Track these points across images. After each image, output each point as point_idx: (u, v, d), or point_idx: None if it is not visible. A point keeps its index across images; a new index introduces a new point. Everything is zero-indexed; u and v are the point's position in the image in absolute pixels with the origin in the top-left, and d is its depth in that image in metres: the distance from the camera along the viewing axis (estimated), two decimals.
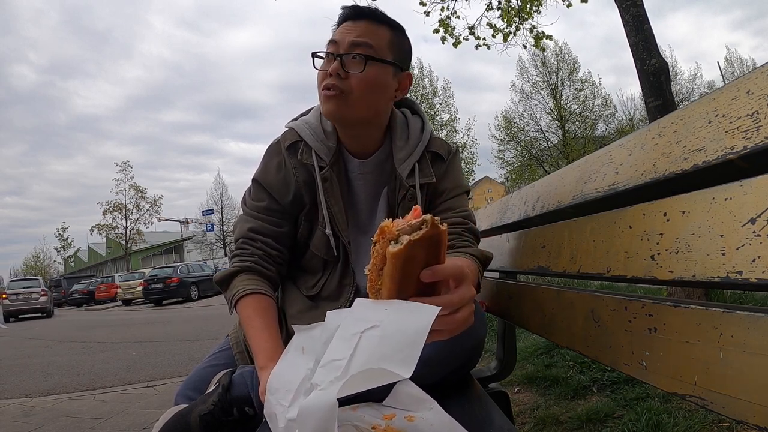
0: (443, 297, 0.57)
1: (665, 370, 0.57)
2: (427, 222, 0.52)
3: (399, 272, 0.53)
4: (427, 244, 0.53)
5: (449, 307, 0.56)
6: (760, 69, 0.50)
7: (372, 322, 0.54)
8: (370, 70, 0.92)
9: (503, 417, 0.75)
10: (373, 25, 0.95)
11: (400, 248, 0.51)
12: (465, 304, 0.58)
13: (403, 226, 0.53)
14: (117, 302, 20.25)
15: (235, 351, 1.03)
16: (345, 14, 0.97)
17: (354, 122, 0.98)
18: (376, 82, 0.95)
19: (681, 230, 0.56)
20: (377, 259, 0.54)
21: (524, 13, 5.71)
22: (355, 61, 0.92)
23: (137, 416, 2.61)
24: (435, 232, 0.52)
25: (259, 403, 0.79)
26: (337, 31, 0.96)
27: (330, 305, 0.98)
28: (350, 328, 0.56)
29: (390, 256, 0.52)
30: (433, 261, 0.55)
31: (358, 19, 0.95)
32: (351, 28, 0.94)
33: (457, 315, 0.57)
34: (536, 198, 1.12)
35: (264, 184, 1.01)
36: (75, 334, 8.31)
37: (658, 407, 1.63)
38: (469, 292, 0.59)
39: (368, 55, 0.92)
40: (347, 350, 0.54)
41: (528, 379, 2.33)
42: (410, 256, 0.52)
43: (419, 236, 0.51)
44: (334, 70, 0.91)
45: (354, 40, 0.92)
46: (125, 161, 34.60)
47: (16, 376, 4.34)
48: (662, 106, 3.27)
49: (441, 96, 21.72)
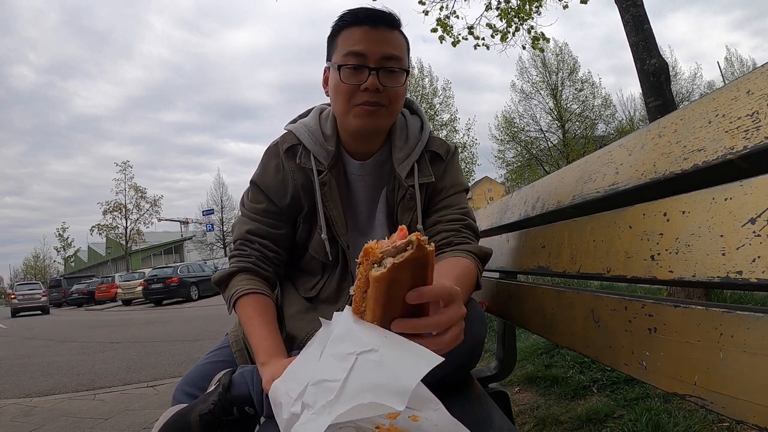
0: (431, 319, 0.55)
1: (665, 370, 0.57)
2: (412, 243, 0.50)
3: (383, 295, 0.51)
4: (412, 265, 0.51)
5: (437, 328, 0.55)
6: (760, 69, 0.50)
7: (369, 345, 0.52)
8: (403, 81, 0.94)
9: (503, 417, 0.75)
10: (392, 32, 0.94)
11: (383, 272, 0.49)
12: (454, 324, 0.56)
13: (387, 247, 0.51)
14: (117, 302, 20.24)
15: (234, 349, 1.03)
16: (361, 18, 0.92)
17: (382, 132, 1.00)
18: (404, 93, 0.97)
19: (681, 230, 0.56)
20: (361, 281, 0.52)
21: (523, 14, 5.71)
22: (389, 74, 0.92)
23: (137, 416, 2.61)
24: (421, 253, 0.50)
25: (259, 402, 0.79)
26: (356, 39, 0.92)
27: (328, 308, 0.98)
28: (346, 347, 0.54)
29: (373, 279, 0.50)
30: (419, 282, 0.53)
31: (377, 25, 0.92)
32: (375, 38, 0.91)
33: (446, 336, 0.56)
34: (536, 198, 1.12)
35: (262, 187, 1.01)
36: (75, 334, 8.31)
37: (658, 407, 1.63)
38: (458, 313, 0.57)
39: (403, 69, 0.93)
40: (341, 372, 0.52)
41: (528, 379, 2.33)
42: (394, 279, 0.50)
43: (404, 259, 0.49)
44: (373, 85, 0.90)
45: (386, 53, 0.91)
46: (125, 161, 34.57)
47: (16, 376, 4.34)
48: (662, 106, 3.27)
49: (441, 96, 21.73)
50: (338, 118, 0.99)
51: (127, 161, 32.85)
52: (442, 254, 0.94)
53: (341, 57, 0.92)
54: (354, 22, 0.93)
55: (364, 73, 0.91)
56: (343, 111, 0.95)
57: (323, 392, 0.53)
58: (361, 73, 0.91)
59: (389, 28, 0.93)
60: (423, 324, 0.54)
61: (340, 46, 0.93)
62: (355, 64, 0.91)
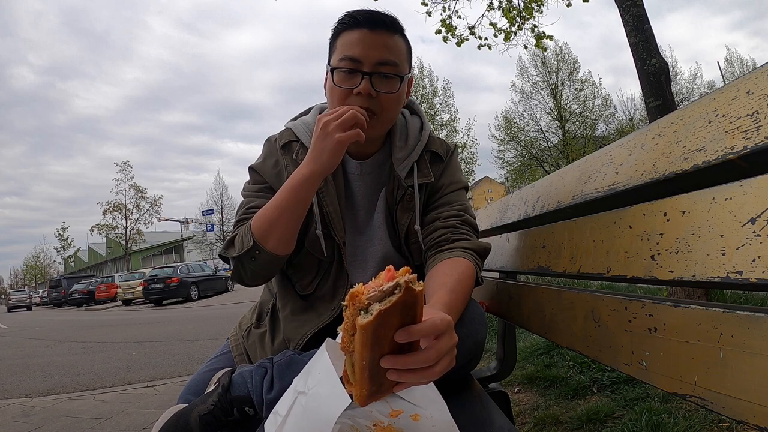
0: (420, 355, 0.54)
1: (665, 370, 0.57)
2: (400, 287, 0.49)
3: (370, 339, 0.50)
4: (400, 308, 0.50)
5: (426, 363, 0.54)
6: (760, 69, 0.50)
7: (305, 386, 0.58)
8: (398, 88, 0.93)
9: (503, 417, 0.75)
10: (392, 36, 0.93)
11: (370, 320, 0.48)
12: (443, 356, 0.56)
13: (374, 292, 0.49)
14: (117, 302, 20.22)
15: (235, 354, 1.03)
16: (360, 21, 0.91)
17: (376, 139, 1.00)
18: (400, 98, 0.96)
19: (681, 230, 0.56)
20: (348, 325, 0.51)
21: (526, 13, 5.70)
22: (383, 80, 0.91)
23: (137, 416, 2.61)
24: (409, 296, 0.49)
25: (259, 403, 0.79)
26: (353, 42, 0.91)
27: (324, 305, 0.98)
28: (300, 382, 0.61)
29: (359, 327, 0.49)
30: (408, 321, 0.52)
31: (376, 28, 0.91)
32: (372, 42, 0.90)
33: (436, 368, 0.55)
34: (536, 198, 1.12)
35: (260, 172, 1.03)
36: (75, 334, 8.31)
37: (658, 407, 1.63)
38: (448, 344, 0.57)
39: (399, 75, 0.93)
40: (286, 408, 0.60)
41: (528, 379, 2.33)
42: (382, 323, 0.49)
43: (391, 304, 0.48)
44: (365, 90, 0.89)
45: (381, 58, 0.90)
46: (125, 161, 34.59)
47: (16, 376, 4.34)
48: (662, 106, 3.27)
49: (441, 96, 21.71)
50: None
51: (127, 161, 32.88)
52: (440, 252, 0.94)
53: (337, 60, 0.92)
54: (353, 24, 0.92)
55: (357, 78, 0.90)
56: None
57: (273, 423, 0.61)
58: (354, 77, 0.90)
59: (388, 31, 0.92)
60: (412, 360, 0.53)
61: (338, 49, 0.93)
62: (349, 68, 0.90)
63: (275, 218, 0.88)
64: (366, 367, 0.52)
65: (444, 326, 0.56)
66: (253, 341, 1.03)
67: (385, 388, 0.55)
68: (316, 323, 0.96)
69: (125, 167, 31.26)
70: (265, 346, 1.00)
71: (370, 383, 0.53)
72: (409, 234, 1.01)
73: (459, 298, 0.81)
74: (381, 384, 0.54)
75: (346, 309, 0.51)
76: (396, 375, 0.54)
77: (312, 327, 0.96)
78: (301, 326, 0.97)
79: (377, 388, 0.54)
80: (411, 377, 0.54)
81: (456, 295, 0.80)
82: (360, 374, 0.53)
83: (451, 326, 0.58)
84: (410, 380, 0.55)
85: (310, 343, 0.94)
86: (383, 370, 0.53)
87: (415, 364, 0.54)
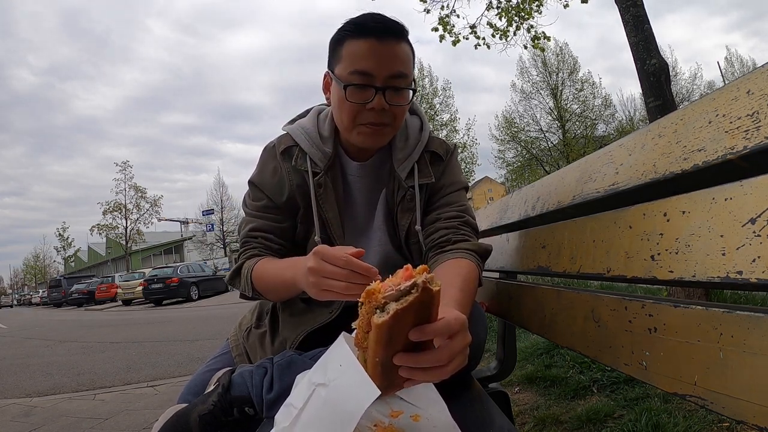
0: (433, 354, 0.54)
1: (665, 370, 0.57)
2: (417, 286, 0.49)
3: (385, 337, 0.50)
4: (416, 308, 0.50)
5: (439, 362, 0.54)
6: (760, 69, 0.50)
7: (326, 377, 0.56)
8: (410, 98, 0.94)
9: (503, 417, 0.75)
10: (399, 44, 0.89)
11: (386, 319, 0.48)
12: (456, 356, 0.56)
13: (391, 290, 0.49)
14: (117, 302, 20.22)
15: (235, 354, 1.03)
16: (368, 30, 0.87)
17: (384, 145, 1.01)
18: (408, 106, 0.97)
19: (681, 230, 0.56)
20: (363, 322, 0.52)
21: (524, 13, 5.70)
22: (395, 92, 0.90)
23: (137, 416, 2.61)
24: (426, 296, 0.49)
25: (259, 403, 0.79)
26: (363, 54, 0.87)
27: (323, 309, 0.98)
28: (317, 375, 0.59)
29: (375, 326, 0.49)
30: (423, 320, 0.52)
31: (384, 37, 0.87)
32: (382, 54, 0.87)
33: (448, 367, 0.55)
34: (536, 198, 1.12)
35: (260, 186, 1.02)
36: (75, 334, 8.31)
37: (658, 407, 1.63)
38: (461, 344, 0.56)
39: (412, 88, 0.93)
40: (302, 400, 0.58)
41: (528, 379, 2.33)
42: (397, 322, 0.49)
43: (407, 303, 0.48)
44: (380, 105, 0.88)
45: (393, 71, 0.88)
46: (125, 161, 34.63)
47: (16, 376, 4.34)
48: (662, 106, 3.27)
49: (441, 96, 21.72)
50: (341, 131, 0.98)
51: (126, 161, 32.94)
52: (442, 253, 0.94)
53: (347, 74, 0.88)
54: (360, 33, 0.87)
55: (369, 92, 0.88)
56: (346, 128, 0.94)
57: (286, 415, 0.59)
58: (366, 91, 0.88)
59: (396, 39, 0.89)
60: (425, 359, 0.54)
61: (345, 59, 0.89)
62: (362, 84, 0.88)
63: (273, 288, 0.92)
64: (379, 363, 0.53)
65: (458, 326, 0.56)
66: (253, 341, 1.03)
67: (395, 384, 0.56)
68: (312, 324, 0.96)
69: (125, 167, 31.29)
70: (265, 346, 1.00)
71: (381, 379, 0.54)
72: (409, 234, 1.01)
73: (468, 297, 0.81)
74: (392, 380, 0.55)
75: (361, 306, 0.52)
76: (408, 372, 0.54)
77: (308, 326, 0.96)
78: (297, 326, 0.97)
79: (389, 383, 0.55)
80: (423, 375, 0.55)
81: (465, 294, 0.80)
82: (372, 370, 0.53)
83: (465, 325, 0.58)
84: (422, 378, 0.55)
85: (306, 342, 0.94)
86: (395, 366, 0.54)
87: (428, 362, 0.54)
